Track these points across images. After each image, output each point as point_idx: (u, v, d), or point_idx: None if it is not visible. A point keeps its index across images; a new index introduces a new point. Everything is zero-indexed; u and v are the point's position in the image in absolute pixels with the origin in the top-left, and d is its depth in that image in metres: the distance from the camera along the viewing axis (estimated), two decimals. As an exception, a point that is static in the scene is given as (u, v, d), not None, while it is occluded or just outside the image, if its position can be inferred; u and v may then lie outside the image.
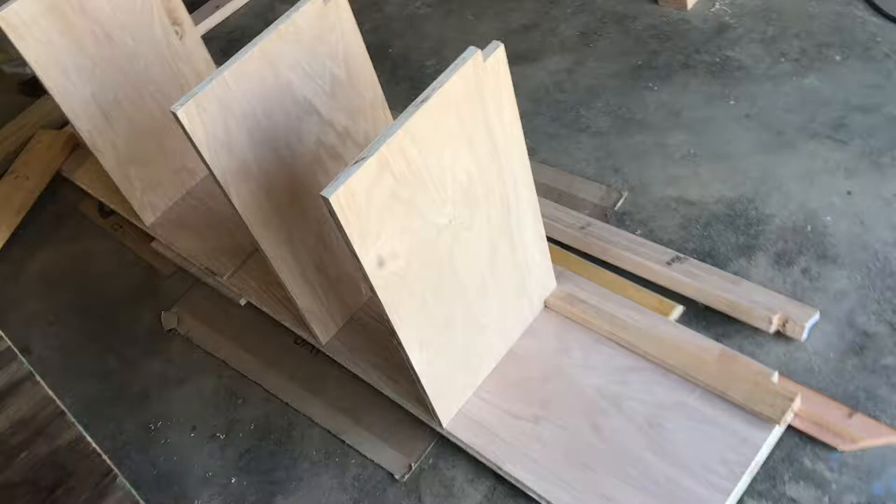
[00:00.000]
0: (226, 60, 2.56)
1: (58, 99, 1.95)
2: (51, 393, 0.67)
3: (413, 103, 1.26)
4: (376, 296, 1.34)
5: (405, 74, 2.52)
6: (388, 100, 1.74)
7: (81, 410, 1.97)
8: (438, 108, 1.28)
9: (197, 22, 2.93)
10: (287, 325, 1.94)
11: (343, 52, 1.60)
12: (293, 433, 1.79)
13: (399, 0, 2.80)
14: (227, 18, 2.98)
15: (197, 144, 1.44)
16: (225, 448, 1.80)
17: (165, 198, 2.29)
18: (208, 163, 1.47)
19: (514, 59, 2.43)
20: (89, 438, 0.73)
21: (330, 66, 1.59)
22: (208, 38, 2.92)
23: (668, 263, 1.79)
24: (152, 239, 2.28)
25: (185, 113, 1.40)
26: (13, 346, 0.73)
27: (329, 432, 1.76)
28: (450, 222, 1.41)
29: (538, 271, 1.72)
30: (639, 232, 1.91)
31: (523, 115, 1.40)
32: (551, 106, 2.27)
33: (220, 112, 1.45)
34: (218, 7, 2.99)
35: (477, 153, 1.39)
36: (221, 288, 2.10)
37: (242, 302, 2.06)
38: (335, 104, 1.63)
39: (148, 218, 2.27)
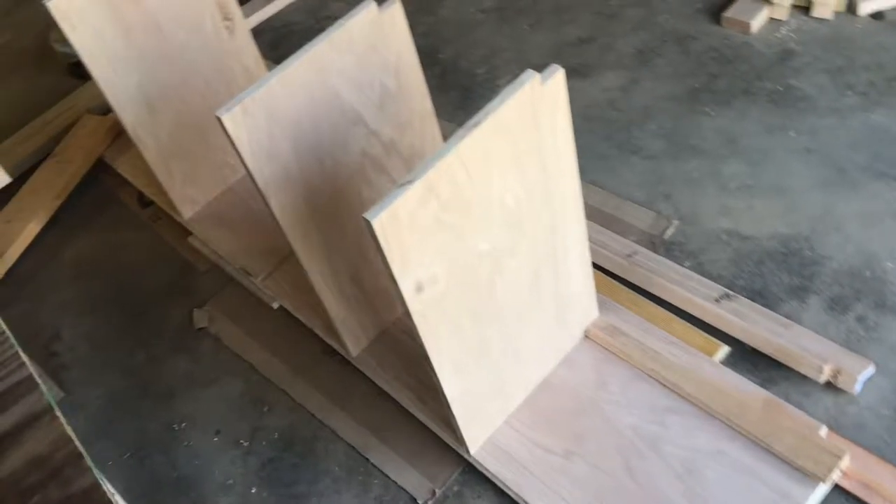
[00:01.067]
0: (274, 55, 2.54)
1: (103, 88, 1.93)
2: (69, 430, 0.63)
3: (465, 126, 1.21)
4: (412, 320, 1.29)
5: (454, 82, 2.47)
6: (436, 107, 1.68)
7: (107, 404, 1.95)
8: (491, 133, 1.22)
9: (248, 14, 2.91)
10: (318, 333, 1.90)
11: (395, 63, 1.55)
12: (317, 446, 1.75)
13: (453, 4, 2.75)
14: (279, 12, 2.95)
15: (240, 150, 1.40)
16: (247, 456, 1.77)
17: (205, 192, 2.26)
18: (250, 170, 1.43)
19: (567, 74, 2.36)
20: (105, 486, 0.69)
21: (380, 76, 1.55)
22: (258, 31, 2.89)
23: (717, 300, 1.72)
24: (189, 233, 2.26)
25: (231, 119, 1.36)
26: (35, 376, 0.70)
27: (354, 448, 1.72)
28: (493, 248, 1.35)
29: (580, 300, 1.66)
30: (687, 264, 1.84)
31: (573, 132, 1.34)
32: (603, 124, 2.20)
33: (266, 119, 1.41)
34: (270, 0, 2.96)
35: (527, 179, 1.34)
36: (255, 289, 2.07)
37: (275, 305, 2.03)
38: (383, 116, 1.59)
39: (186, 212, 2.25)
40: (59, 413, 0.65)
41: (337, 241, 1.65)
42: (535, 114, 1.27)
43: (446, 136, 2.26)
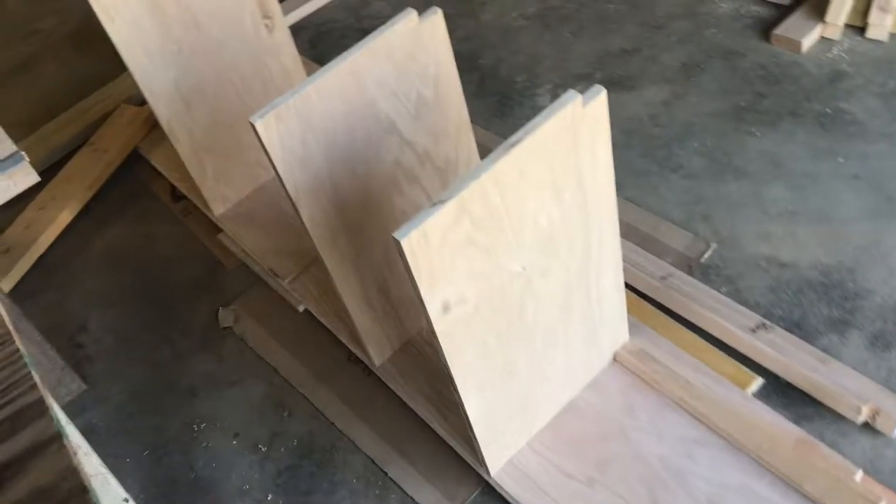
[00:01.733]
0: (313, 53, 2.52)
1: (139, 81, 1.92)
2: (75, 462, 0.61)
3: (502, 145, 1.17)
4: (436, 339, 1.26)
5: (493, 88, 2.43)
6: (472, 114, 1.65)
7: (129, 400, 1.95)
8: (528, 154, 1.19)
9: (290, 10, 2.90)
10: (343, 339, 1.88)
11: (433, 73, 1.52)
12: (335, 456, 1.73)
13: (496, 9, 2.70)
14: (321, 9, 2.93)
15: (272, 157, 1.38)
16: (265, 462, 1.75)
17: (237, 190, 2.25)
18: (281, 176, 1.41)
19: (608, 85, 2.33)
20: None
21: (418, 86, 1.51)
22: (299, 27, 2.88)
23: (753, 330, 1.67)
24: (219, 230, 2.25)
25: (264, 125, 1.34)
26: (46, 399, 0.68)
27: (372, 461, 1.70)
28: (524, 269, 1.31)
29: (611, 323, 1.61)
30: (724, 290, 1.79)
31: (612, 146, 1.29)
32: (643, 140, 2.15)
33: (300, 126, 1.38)
34: (311, -3, 2.94)
35: (563, 200, 1.30)
36: (282, 291, 2.05)
37: (301, 308, 2.01)
38: (418, 125, 1.56)
39: (217, 208, 2.24)
40: (67, 442, 0.63)
41: (366, 250, 1.62)
42: (574, 135, 1.23)
43: (482, 144, 2.23)
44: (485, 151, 2.23)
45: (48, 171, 2.58)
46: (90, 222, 2.42)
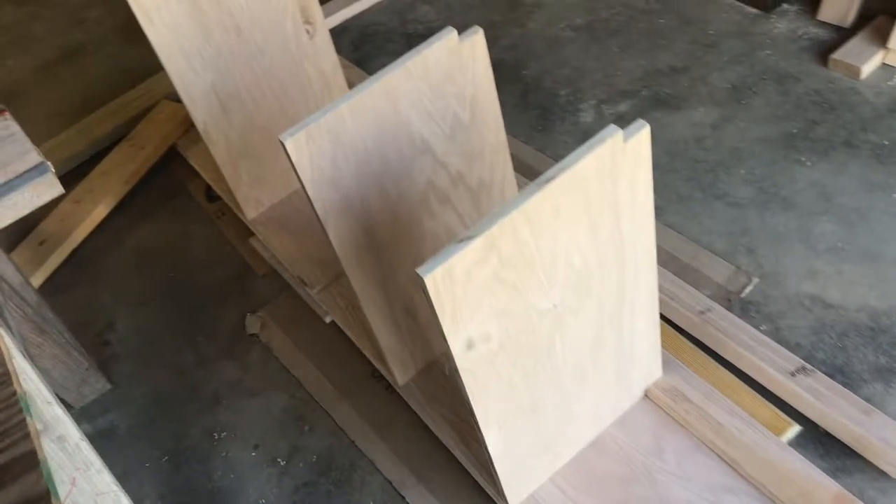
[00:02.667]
0: (355, 55, 2.48)
1: (177, 85, 1.90)
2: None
3: (536, 181, 1.12)
4: (459, 376, 1.22)
5: (535, 101, 2.37)
6: (512, 126, 1.60)
7: (151, 403, 1.94)
8: (563, 190, 1.14)
9: (333, 11, 2.87)
10: (367, 355, 1.84)
11: (471, 94, 1.47)
12: (354, 476, 1.70)
13: (544, 18, 2.64)
14: (366, 11, 2.90)
15: (301, 176, 1.34)
16: (283, 476, 1.73)
17: (271, 195, 2.23)
18: (310, 196, 1.37)
19: (654, 104, 2.26)
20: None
21: (454, 106, 1.47)
22: (343, 29, 2.85)
23: (792, 374, 1.60)
24: (252, 234, 2.23)
25: (294, 143, 1.30)
26: (39, 450, 0.65)
27: (390, 483, 1.66)
28: (554, 307, 1.26)
29: (644, 358, 1.56)
30: (763, 328, 1.72)
31: (655, 168, 1.23)
32: (688, 163, 2.08)
33: (331, 145, 1.35)
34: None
35: (598, 237, 1.24)
36: (309, 300, 2.03)
37: (327, 319, 1.98)
38: (452, 146, 1.51)
39: (250, 212, 2.22)
40: (55, 499, 0.60)
41: (393, 271, 1.58)
42: (613, 172, 1.18)
43: (520, 159, 2.18)
44: (523, 167, 2.19)
45: (87, 164, 2.59)
46: (124, 218, 2.42)
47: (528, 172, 2.16)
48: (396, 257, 1.57)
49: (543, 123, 2.30)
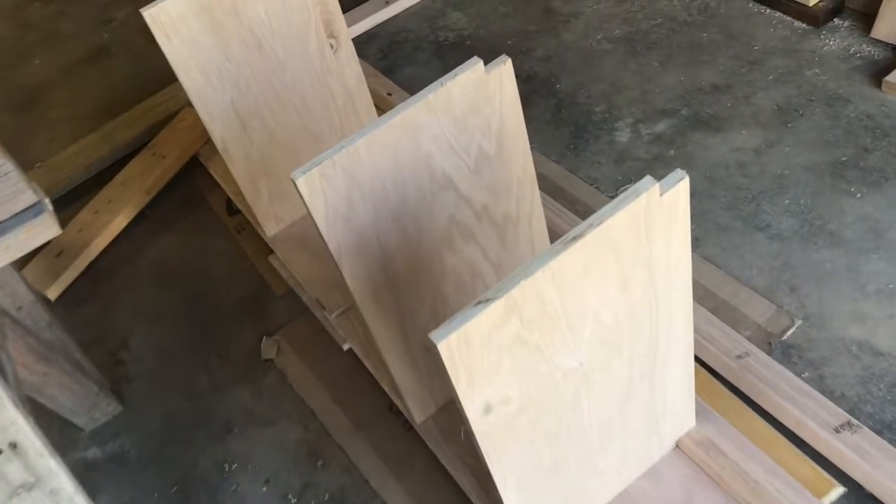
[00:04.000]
0: (383, 64, 2.40)
1: (195, 101, 1.83)
2: None
3: (563, 238, 1.03)
4: (475, 440, 1.13)
5: (568, 118, 2.27)
6: (543, 144, 1.51)
7: (163, 428, 1.88)
8: (593, 247, 1.04)
9: (364, 16, 2.78)
10: (384, 387, 1.77)
11: (497, 126, 1.38)
12: (366, 519, 1.62)
13: (580, 29, 2.53)
14: (395, 17, 2.81)
15: (314, 216, 1.27)
16: (293, 515, 1.66)
17: (292, 211, 2.15)
18: (323, 235, 1.30)
19: (694, 124, 2.15)
20: None
21: (479, 139, 1.38)
22: (371, 35, 2.76)
23: (836, 430, 1.49)
24: (271, 251, 2.16)
25: (306, 182, 1.23)
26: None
27: (404, 528, 1.59)
28: (581, 365, 1.17)
29: (676, 409, 1.46)
30: (806, 375, 1.61)
31: (693, 195, 1.14)
32: (729, 190, 1.97)
33: (346, 183, 1.27)
34: (388, 2, 2.81)
35: (630, 293, 1.15)
36: (327, 325, 1.95)
37: (345, 347, 1.91)
38: (477, 181, 1.42)
39: (270, 229, 2.15)
40: None
41: (412, 308, 1.50)
42: (648, 227, 1.08)
43: (551, 179, 2.08)
44: (553, 189, 2.09)
45: (108, 171, 2.55)
46: (143, 230, 2.36)
47: (559, 195, 2.06)
48: (416, 295, 1.49)
49: (576, 142, 2.20)
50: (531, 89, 2.37)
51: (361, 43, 2.72)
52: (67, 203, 2.51)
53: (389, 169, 1.31)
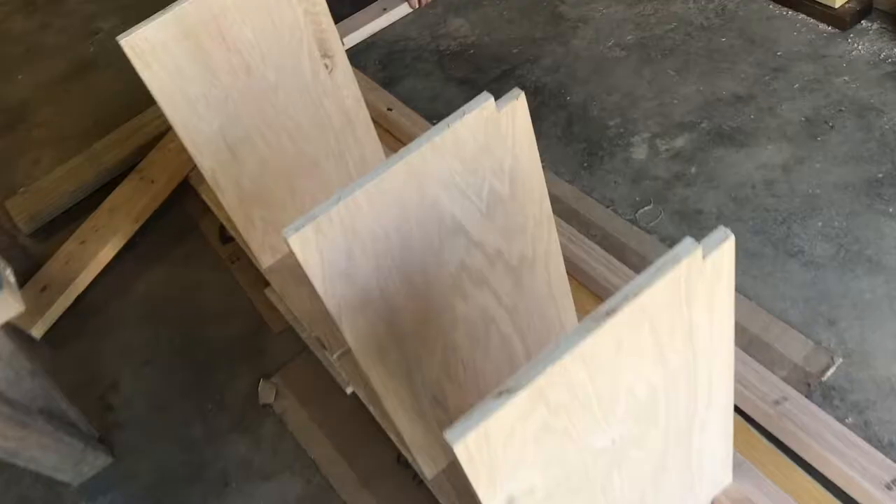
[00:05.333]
0: (382, 75, 2.26)
1: (180, 132, 1.70)
2: None
3: (593, 315, 0.90)
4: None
5: (581, 133, 2.13)
6: (555, 162, 1.37)
7: (155, 482, 1.76)
8: (628, 323, 0.91)
9: (360, 25, 2.64)
10: (392, 437, 1.64)
11: (510, 165, 1.25)
12: (376, 586, 1.50)
13: (589, 35, 2.39)
14: (393, 25, 2.66)
15: (309, 275, 1.14)
16: (296, 581, 1.54)
17: (288, 240, 2.02)
18: (321, 295, 1.17)
19: (716, 139, 2.01)
20: None
21: (490, 180, 1.24)
22: (369, 44, 2.62)
23: (888, 486, 1.36)
24: (267, 283, 2.03)
25: (299, 240, 1.10)
26: None
27: None
28: (613, 443, 1.04)
29: (714, 468, 1.33)
30: (849, 420, 1.48)
31: (719, 217, 1.00)
32: (756, 212, 1.83)
33: (345, 237, 1.14)
34: (385, 10, 2.67)
35: (667, 364, 1.02)
36: (329, 366, 1.82)
37: (349, 391, 1.78)
38: (490, 224, 1.29)
39: (266, 259, 2.02)
40: None
41: (420, 360, 1.37)
42: (689, 294, 0.95)
43: (564, 201, 1.94)
44: (567, 212, 1.95)
45: (95, 195, 2.42)
46: (132, 261, 2.24)
47: (572, 218, 1.93)
48: (424, 347, 1.36)
49: (590, 160, 2.06)
50: (540, 102, 2.23)
51: (358, 53, 2.58)
52: (52, 231, 2.39)
53: (393, 218, 1.18)
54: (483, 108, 1.16)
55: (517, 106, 1.20)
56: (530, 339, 1.51)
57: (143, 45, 1.55)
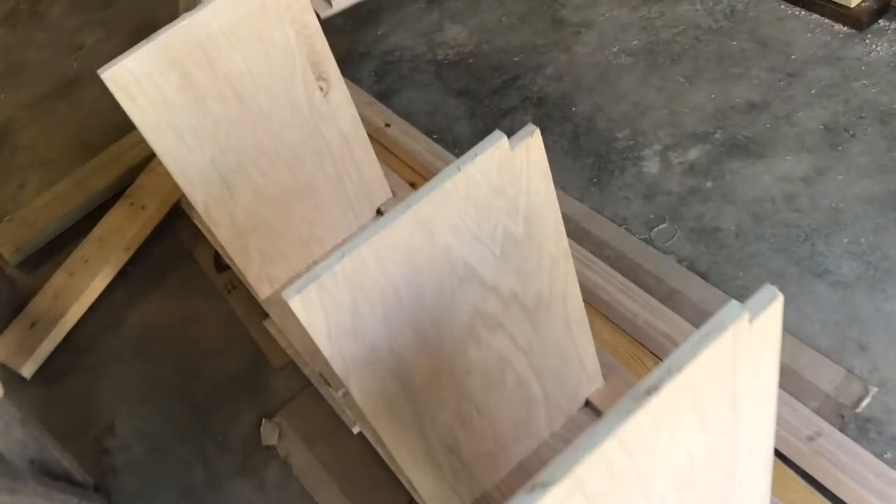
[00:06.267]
0: (378, 88, 2.16)
1: (170, 166, 1.60)
2: None
3: (633, 393, 0.81)
4: None
5: (589, 146, 2.04)
6: (563, 179, 1.29)
7: (155, 533, 1.68)
8: (670, 400, 0.82)
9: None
10: (403, 481, 1.56)
11: (525, 204, 1.16)
12: None
13: (593, 41, 2.29)
14: (388, 34, 2.56)
15: (314, 336, 1.05)
16: None
17: (287, 268, 1.93)
18: (327, 356, 1.08)
19: (731, 150, 1.91)
20: None
21: (504, 221, 1.16)
22: (363, 55, 2.53)
23: (934, 530, 1.28)
24: (266, 315, 1.94)
25: (302, 303, 1.01)
26: None
27: None
28: (650, 515, 0.96)
29: (747, 518, 1.25)
30: (888, 455, 1.40)
31: (738, 236, 0.93)
32: (777, 228, 1.74)
33: (350, 294, 1.05)
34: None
35: (709, 432, 0.93)
36: (334, 403, 1.74)
37: (355, 430, 1.69)
38: (504, 266, 1.20)
39: (264, 290, 1.93)
40: None
41: (433, 411, 1.29)
42: (734, 361, 0.86)
43: (574, 220, 1.85)
44: (578, 232, 1.86)
45: (84, 221, 2.32)
46: (124, 292, 2.14)
47: (584, 239, 1.84)
48: (436, 398, 1.27)
49: (599, 175, 1.97)
50: (544, 113, 2.14)
51: (352, 64, 2.48)
52: (40, 261, 2.29)
53: (402, 270, 1.09)
54: (496, 148, 1.07)
55: (531, 143, 1.11)
56: (547, 378, 1.42)
57: (126, 77, 1.45)
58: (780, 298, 0.86)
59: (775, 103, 1.97)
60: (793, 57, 2.05)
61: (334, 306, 1.04)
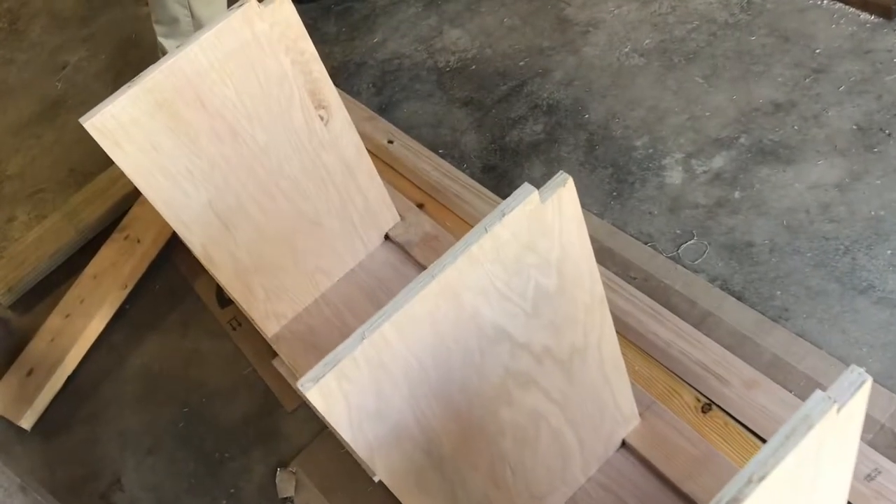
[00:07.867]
0: (378, 100, 2.05)
1: (164, 212, 1.50)
2: None
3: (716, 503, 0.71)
4: None
5: (605, 156, 1.93)
6: (580, 193, 1.15)
7: None
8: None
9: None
10: (432, 536, 1.46)
11: (557, 256, 1.05)
12: None
13: (602, 41, 2.17)
14: (385, 42, 2.44)
15: (335, 425, 0.95)
16: None
17: (294, 304, 1.83)
18: (350, 443, 0.98)
19: (758, 156, 1.80)
20: None
21: (536, 277, 1.05)
22: (359, 65, 2.40)
23: None
24: (274, 353, 1.84)
25: (320, 393, 0.90)
26: None
27: None
28: None
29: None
30: (953, 493, 1.30)
31: (772, 251, 0.84)
32: (814, 242, 1.64)
33: (373, 377, 0.94)
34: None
35: (785, 521, 0.83)
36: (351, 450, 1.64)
37: (376, 479, 1.59)
38: (536, 322, 1.10)
39: (271, 328, 1.82)
40: None
41: (464, 478, 1.19)
42: (819, 454, 0.76)
43: (596, 238, 1.74)
44: (601, 251, 1.75)
45: (77, 257, 2.22)
46: (123, 333, 2.04)
47: (608, 259, 1.74)
48: (467, 464, 1.18)
49: (619, 187, 1.86)
50: (555, 122, 2.03)
51: (349, 76, 2.37)
52: (33, 302, 2.19)
53: (427, 343, 0.98)
54: (526, 204, 0.96)
55: (564, 193, 1.00)
56: (583, 426, 1.32)
57: (110, 124, 1.34)
58: (869, 382, 0.76)
59: (802, 103, 1.86)
60: (817, 51, 1.93)
61: (356, 392, 0.94)
